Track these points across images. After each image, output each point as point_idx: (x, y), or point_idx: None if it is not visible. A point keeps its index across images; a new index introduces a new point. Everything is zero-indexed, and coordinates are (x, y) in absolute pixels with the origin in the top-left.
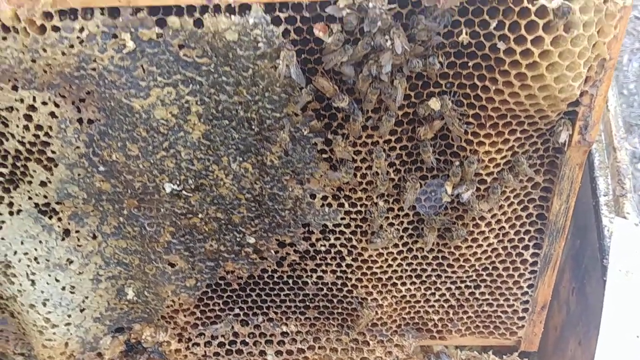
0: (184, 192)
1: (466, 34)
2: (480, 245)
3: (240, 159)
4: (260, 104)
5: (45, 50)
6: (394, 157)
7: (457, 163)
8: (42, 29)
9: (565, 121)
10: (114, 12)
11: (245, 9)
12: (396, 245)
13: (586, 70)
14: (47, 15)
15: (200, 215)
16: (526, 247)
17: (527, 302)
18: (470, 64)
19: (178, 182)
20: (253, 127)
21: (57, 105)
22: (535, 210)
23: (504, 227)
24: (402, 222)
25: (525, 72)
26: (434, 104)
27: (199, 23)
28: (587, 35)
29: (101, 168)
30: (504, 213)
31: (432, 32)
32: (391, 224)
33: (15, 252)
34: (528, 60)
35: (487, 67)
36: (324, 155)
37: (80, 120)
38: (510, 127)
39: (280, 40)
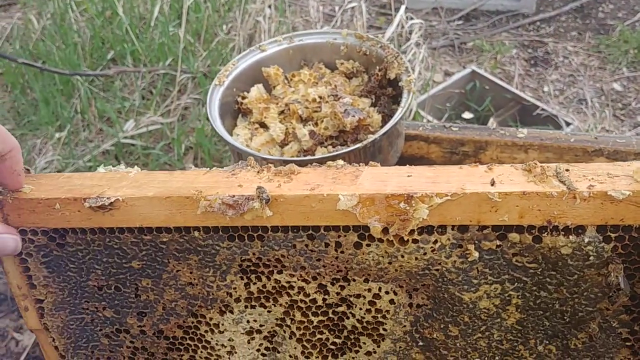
0: None
1: None
2: None
3: (547, 342)
4: (577, 300)
5: (403, 257)
6: None
7: None
8: (405, 242)
9: None
10: (463, 228)
11: (579, 228)
12: None
13: None
14: (411, 231)
15: None
16: None
17: None
18: None
19: (486, 358)
20: (565, 317)
21: (395, 294)
22: None
23: None
24: None
25: None
26: None
27: (537, 239)
28: None
29: (420, 343)
30: None
31: None
32: None
33: None
34: None
35: None
36: (627, 343)
37: (410, 305)
38: None
39: (609, 254)
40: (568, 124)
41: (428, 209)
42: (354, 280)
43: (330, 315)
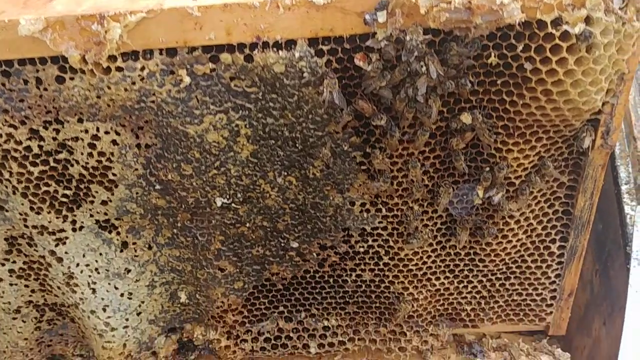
0: (233, 204)
1: (495, 56)
2: (510, 241)
3: (285, 173)
4: (304, 124)
5: (109, 88)
6: (428, 165)
7: (488, 169)
8: (107, 70)
9: (588, 127)
10: (171, 51)
11: (291, 44)
12: (430, 244)
13: (607, 84)
14: (112, 58)
15: (247, 225)
16: (553, 241)
17: (554, 290)
18: (499, 81)
19: (228, 196)
20: (297, 145)
21: (118, 134)
22: (561, 207)
23: (532, 223)
24: (436, 223)
25: (551, 89)
26: (466, 118)
27: (249, 58)
28: (607, 54)
29: (157, 187)
30: (532, 211)
31: (463, 57)
32: (426, 225)
33: (78, 264)
34: (553, 78)
35: (515, 85)
36: (363, 167)
37: (138, 146)
38: (537, 135)
39: (323, 69)
40: None
41: (123, 29)
42: (67, 121)
43: (52, 163)
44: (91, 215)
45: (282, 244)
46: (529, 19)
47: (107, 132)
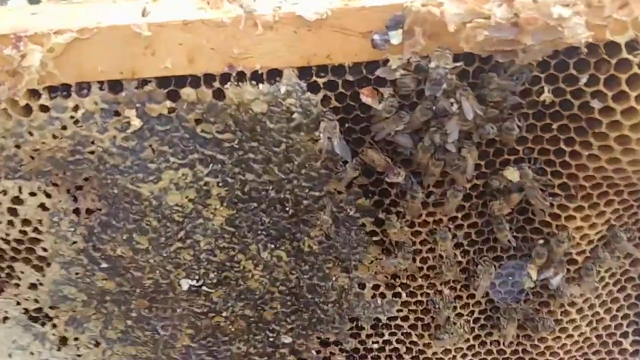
0: (204, 287)
1: (549, 91)
2: (570, 336)
3: (272, 246)
4: (296, 182)
5: (31, 134)
6: (462, 237)
7: (541, 242)
8: (28, 110)
9: None
10: (115, 85)
11: (275, 75)
12: (467, 340)
13: None
14: (33, 94)
15: (224, 314)
16: (625, 335)
17: None
18: (555, 126)
19: (197, 277)
20: (287, 209)
21: (48, 196)
22: (634, 291)
23: (598, 312)
24: (472, 312)
25: (629, 135)
26: (511, 174)
27: (219, 94)
28: None
29: (103, 265)
30: (599, 296)
31: (507, 92)
32: (460, 315)
33: None
34: (632, 120)
35: (577, 130)
36: (375, 238)
37: (77, 211)
38: (607, 198)
39: (319, 109)
40: None
41: (46, 54)
42: None
43: None
44: (17, 303)
45: (271, 339)
46: (596, 41)
47: (32, 194)
